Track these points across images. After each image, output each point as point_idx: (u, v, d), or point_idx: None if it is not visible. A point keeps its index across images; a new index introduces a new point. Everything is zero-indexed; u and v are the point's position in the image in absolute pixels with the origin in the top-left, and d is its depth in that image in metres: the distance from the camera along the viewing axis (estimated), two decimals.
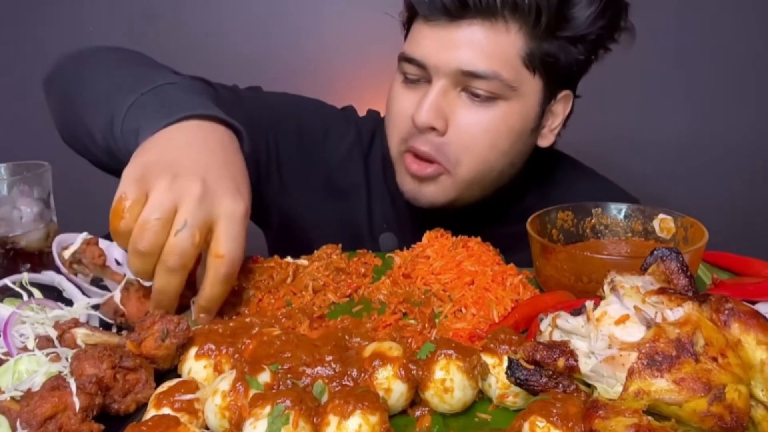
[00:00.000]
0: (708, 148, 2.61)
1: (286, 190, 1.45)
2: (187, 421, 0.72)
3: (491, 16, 1.16)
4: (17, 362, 0.83)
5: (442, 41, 1.18)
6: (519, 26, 1.17)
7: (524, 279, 1.07)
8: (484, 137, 1.22)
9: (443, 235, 1.17)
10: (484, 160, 1.25)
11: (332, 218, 1.47)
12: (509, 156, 1.27)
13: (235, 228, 0.89)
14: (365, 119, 1.54)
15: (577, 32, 1.20)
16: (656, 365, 0.66)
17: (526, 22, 1.17)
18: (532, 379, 0.73)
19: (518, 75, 1.20)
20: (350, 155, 1.47)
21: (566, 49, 1.22)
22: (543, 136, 1.33)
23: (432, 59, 1.19)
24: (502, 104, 1.21)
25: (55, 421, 0.72)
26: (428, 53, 1.20)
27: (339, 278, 1.07)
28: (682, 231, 1.14)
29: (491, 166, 1.26)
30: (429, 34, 1.20)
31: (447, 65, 1.18)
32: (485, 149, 1.23)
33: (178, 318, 0.87)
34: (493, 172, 1.28)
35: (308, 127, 1.46)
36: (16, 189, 1.15)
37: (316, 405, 0.74)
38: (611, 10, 1.22)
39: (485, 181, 1.29)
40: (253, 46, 2.53)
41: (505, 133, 1.23)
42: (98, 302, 1.00)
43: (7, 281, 1.01)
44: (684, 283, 0.76)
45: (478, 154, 1.23)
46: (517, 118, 1.23)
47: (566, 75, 1.27)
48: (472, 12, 1.16)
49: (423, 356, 0.81)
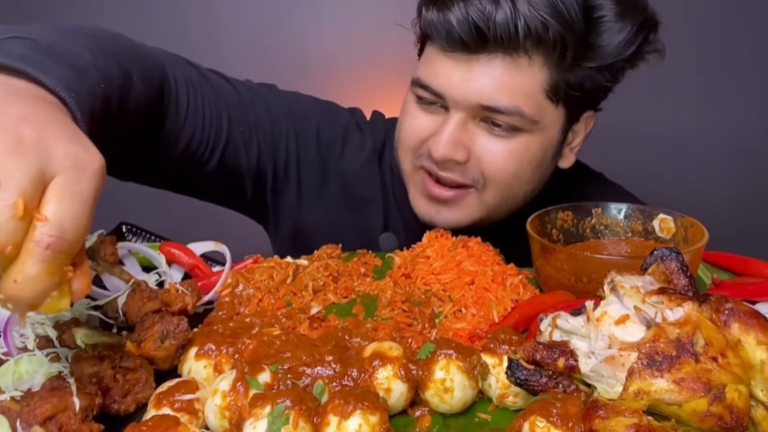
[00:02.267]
0: (708, 149, 2.61)
1: (302, 196, 1.40)
2: (187, 421, 0.72)
3: (513, 51, 1.09)
4: (17, 362, 0.83)
5: (460, 74, 1.12)
6: (543, 60, 1.11)
7: (524, 279, 1.07)
8: (508, 166, 1.18)
9: (443, 235, 1.17)
10: (510, 188, 1.21)
11: (348, 229, 1.42)
12: (531, 183, 1.25)
13: (81, 184, 0.61)
14: (375, 126, 1.48)
15: (606, 61, 1.14)
16: (656, 365, 0.66)
17: (550, 55, 1.11)
18: (532, 379, 0.73)
19: (540, 109, 1.14)
20: (367, 167, 1.41)
21: (593, 77, 1.16)
22: (564, 157, 1.29)
23: (450, 91, 1.14)
24: (524, 136, 1.16)
25: (55, 421, 0.72)
26: (446, 85, 1.14)
27: (339, 279, 1.07)
28: (682, 231, 1.14)
29: (515, 193, 1.24)
30: (446, 64, 1.13)
31: (466, 99, 1.13)
32: (510, 177, 1.19)
33: (177, 319, 0.87)
34: (517, 199, 1.25)
35: (326, 134, 1.40)
36: None
37: (316, 405, 0.74)
38: (643, 33, 1.16)
39: (507, 206, 1.26)
40: (256, 46, 2.53)
41: (527, 162, 1.19)
42: (99, 303, 1.00)
43: None
44: (684, 283, 0.76)
45: (503, 181, 1.20)
46: (538, 148, 1.19)
47: (591, 100, 1.22)
48: (492, 45, 1.09)
49: (423, 356, 0.81)
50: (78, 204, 0.60)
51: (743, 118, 2.59)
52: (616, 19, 1.13)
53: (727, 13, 2.48)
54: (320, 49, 2.55)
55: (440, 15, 1.10)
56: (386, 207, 1.42)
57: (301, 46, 2.55)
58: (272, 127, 1.33)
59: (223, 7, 2.55)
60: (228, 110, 1.26)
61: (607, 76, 1.18)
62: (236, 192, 1.37)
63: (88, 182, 0.61)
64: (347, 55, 2.53)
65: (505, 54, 1.10)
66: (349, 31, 2.53)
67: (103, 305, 0.99)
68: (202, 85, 1.22)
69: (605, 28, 1.13)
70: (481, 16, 1.06)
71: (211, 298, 1.05)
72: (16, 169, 0.57)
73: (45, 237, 0.58)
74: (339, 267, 1.09)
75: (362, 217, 1.42)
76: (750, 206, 2.65)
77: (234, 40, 2.53)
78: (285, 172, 1.37)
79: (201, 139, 1.21)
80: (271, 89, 1.41)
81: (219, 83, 1.28)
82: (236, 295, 1.03)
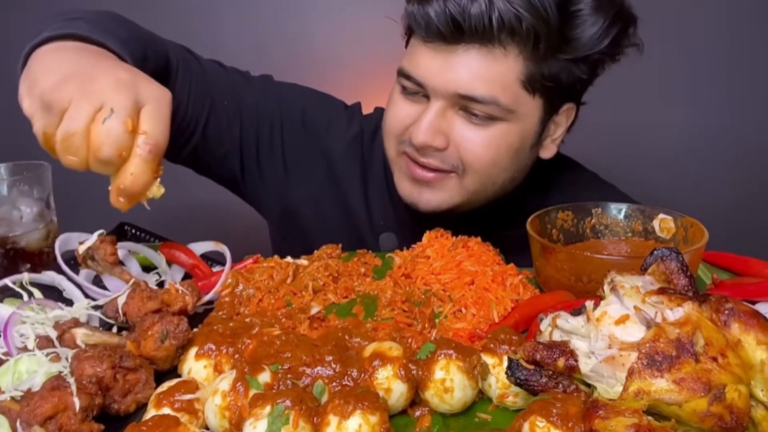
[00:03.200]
0: (708, 149, 2.61)
1: (288, 176, 1.47)
2: (187, 421, 0.72)
3: (488, 42, 1.13)
4: (17, 362, 0.83)
5: (439, 63, 1.17)
6: (518, 51, 1.15)
7: (524, 279, 1.07)
8: (486, 153, 1.21)
9: (443, 235, 1.17)
10: (488, 174, 1.25)
11: (331, 206, 1.49)
12: (510, 171, 1.27)
13: (163, 109, 0.87)
14: (369, 117, 1.54)
15: (580, 53, 1.17)
16: (656, 365, 0.66)
17: (525, 46, 1.14)
18: (532, 379, 0.73)
19: (517, 99, 1.18)
20: (350, 149, 1.48)
21: (568, 69, 1.19)
22: (545, 147, 1.31)
23: (430, 80, 1.18)
24: (501, 124, 1.20)
25: (55, 421, 0.72)
26: (426, 74, 1.18)
27: (339, 279, 1.07)
28: (682, 231, 1.14)
29: (493, 180, 1.27)
30: (427, 55, 1.18)
31: (444, 88, 1.17)
32: (487, 164, 1.23)
33: (177, 319, 0.87)
34: (495, 186, 1.28)
35: (312, 116, 1.48)
36: (16, 189, 1.15)
37: (316, 405, 0.74)
38: (618, 26, 1.18)
39: (487, 193, 1.29)
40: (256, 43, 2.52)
41: (505, 150, 1.22)
42: (99, 303, 1.00)
43: (7, 281, 1.01)
44: (684, 283, 0.76)
45: (481, 168, 1.23)
46: (516, 137, 1.22)
47: (569, 92, 1.24)
48: (468, 37, 1.13)
49: (423, 356, 0.81)
50: (163, 123, 0.86)
51: (743, 117, 2.59)
52: (591, 12, 1.16)
53: (727, 13, 2.48)
54: (324, 48, 2.55)
55: (420, 8, 1.16)
56: (366, 189, 1.48)
57: (302, 45, 2.55)
58: (258, 106, 1.43)
59: (223, 8, 2.55)
60: (214, 86, 1.37)
61: (584, 69, 1.21)
62: (225, 168, 1.46)
63: (166, 108, 0.88)
64: (350, 52, 2.53)
65: (481, 45, 1.14)
66: (352, 28, 2.53)
67: (103, 305, 0.99)
68: (194, 64, 1.35)
69: (580, 21, 1.16)
70: (457, 8, 1.11)
71: (211, 298, 1.05)
72: (123, 100, 0.83)
73: (146, 145, 0.84)
74: (339, 267, 1.09)
75: (344, 196, 1.49)
76: (750, 206, 2.64)
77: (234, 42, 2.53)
78: (270, 151, 1.45)
79: (187, 111, 1.32)
80: (266, 78, 1.51)
81: (210, 64, 1.41)
82: (236, 295, 1.03)
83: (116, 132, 0.81)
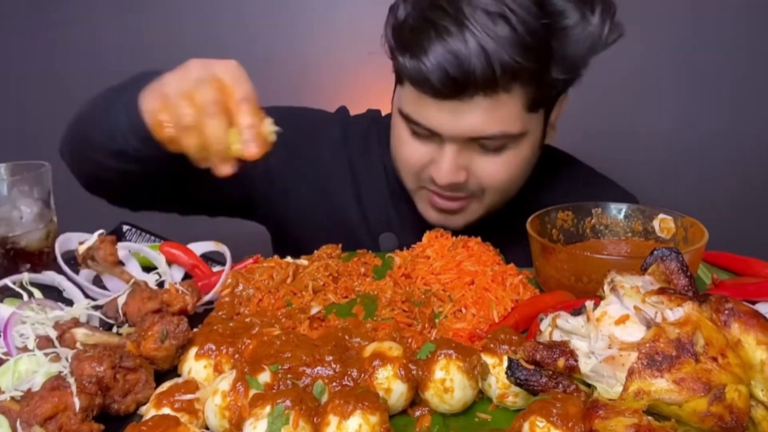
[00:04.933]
0: (708, 148, 2.61)
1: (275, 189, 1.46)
2: (187, 421, 0.72)
3: (492, 91, 1.15)
4: (17, 362, 0.83)
5: (448, 114, 1.18)
6: (520, 87, 1.17)
7: (524, 279, 1.07)
8: (504, 175, 1.26)
9: (443, 235, 1.17)
10: (507, 190, 1.31)
11: (324, 212, 1.49)
12: (524, 178, 1.33)
13: (238, 72, 1.02)
14: (358, 119, 1.54)
15: (577, 64, 1.21)
16: (656, 365, 0.66)
17: (526, 82, 1.17)
18: (532, 379, 0.73)
19: (525, 123, 1.21)
20: (338, 154, 1.48)
21: (566, 79, 1.23)
22: (548, 135, 1.35)
23: (442, 129, 1.20)
24: (514, 146, 1.24)
25: (55, 421, 0.72)
26: (438, 124, 1.20)
27: (339, 279, 1.07)
28: (682, 231, 1.14)
29: (511, 193, 1.34)
30: (433, 107, 1.19)
31: (457, 133, 1.19)
32: (506, 183, 1.28)
33: (177, 319, 0.87)
34: (511, 194, 1.34)
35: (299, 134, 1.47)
36: (16, 189, 1.15)
37: (316, 405, 0.74)
38: (606, 23, 1.19)
39: (504, 202, 1.35)
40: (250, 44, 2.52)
41: (520, 166, 1.28)
42: (99, 303, 1.00)
43: (7, 281, 1.01)
44: (684, 283, 0.76)
45: (500, 187, 1.29)
46: (528, 151, 1.27)
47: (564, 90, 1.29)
48: (472, 90, 1.15)
49: (423, 356, 0.81)
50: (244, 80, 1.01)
51: (743, 117, 2.59)
52: (578, 22, 1.17)
53: (726, 14, 2.48)
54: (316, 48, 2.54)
55: (415, 64, 1.15)
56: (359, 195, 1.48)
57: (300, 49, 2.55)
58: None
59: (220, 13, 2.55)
60: None
61: (578, 72, 1.24)
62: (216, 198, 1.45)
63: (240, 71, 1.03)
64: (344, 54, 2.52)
65: (485, 95, 1.16)
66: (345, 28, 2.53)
67: (103, 305, 0.99)
68: None
69: (571, 34, 1.17)
70: (457, 70, 1.11)
71: (211, 298, 1.05)
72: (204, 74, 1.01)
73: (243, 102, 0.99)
74: (339, 267, 1.09)
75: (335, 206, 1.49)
76: (750, 206, 2.64)
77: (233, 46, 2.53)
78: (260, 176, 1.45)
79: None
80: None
81: None
82: (236, 295, 1.03)
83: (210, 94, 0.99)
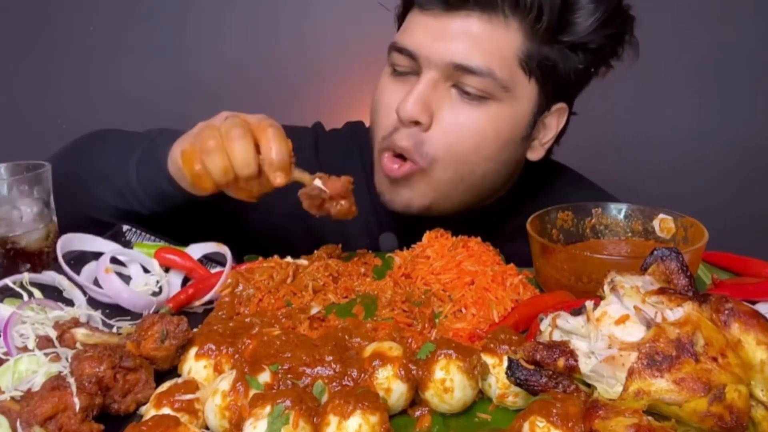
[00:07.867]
0: (708, 148, 2.61)
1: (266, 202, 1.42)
2: (187, 421, 0.72)
3: (491, 10, 1.12)
4: (17, 362, 0.83)
5: (436, 31, 1.14)
6: (519, 23, 1.13)
7: (524, 279, 1.07)
8: (469, 138, 1.18)
9: (443, 235, 1.17)
10: (464, 162, 1.20)
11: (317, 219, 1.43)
12: (493, 162, 1.23)
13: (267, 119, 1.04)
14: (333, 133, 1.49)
15: (578, 38, 1.17)
16: (656, 365, 0.66)
17: (526, 19, 1.13)
18: (532, 379, 0.73)
19: (513, 75, 1.16)
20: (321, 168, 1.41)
21: (566, 55, 1.18)
22: (533, 149, 1.29)
23: (424, 49, 1.15)
24: (493, 105, 1.17)
25: (55, 421, 0.72)
26: (420, 43, 1.15)
27: (339, 279, 1.07)
28: (682, 231, 1.14)
29: (471, 169, 1.22)
30: (423, 23, 1.16)
31: (439, 56, 1.14)
32: (467, 150, 1.19)
33: (177, 319, 0.87)
34: (473, 176, 1.23)
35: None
36: (16, 189, 1.15)
37: (316, 405, 0.74)
38: (616, 20, 1.18)
39: (465, 185, 1.24)
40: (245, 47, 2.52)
41: (492, 136, 1.19)
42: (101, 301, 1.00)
43: (7, 281, 1.01)
44: (684, 283, 0.76)
45: (459, 155, 1.19)
46: (506, 122, 1.19)
47: (563, 85, 1.23)
48: (471, 3, 1.12)
49: (423, 356, 0.81)
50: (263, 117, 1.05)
51: (744, 117, 2.59)
52: (590, 0, 1.16)
53: (727, 12, 2.48)
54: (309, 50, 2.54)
55: None
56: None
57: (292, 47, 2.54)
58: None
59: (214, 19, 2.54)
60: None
61: (581, 58, 1.20)
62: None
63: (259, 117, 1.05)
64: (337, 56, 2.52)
65: (482, 12, 1.12)
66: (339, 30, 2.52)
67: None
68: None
69: (580, 6, 1.16)
70: None
71: (211, 298, 1.05)
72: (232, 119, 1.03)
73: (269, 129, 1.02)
74: (339, 267, 1.09)
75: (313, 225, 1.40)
76: (750, 206, 2.64)
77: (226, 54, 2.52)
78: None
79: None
80: None
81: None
82: (236, 295, 1.03)
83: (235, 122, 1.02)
